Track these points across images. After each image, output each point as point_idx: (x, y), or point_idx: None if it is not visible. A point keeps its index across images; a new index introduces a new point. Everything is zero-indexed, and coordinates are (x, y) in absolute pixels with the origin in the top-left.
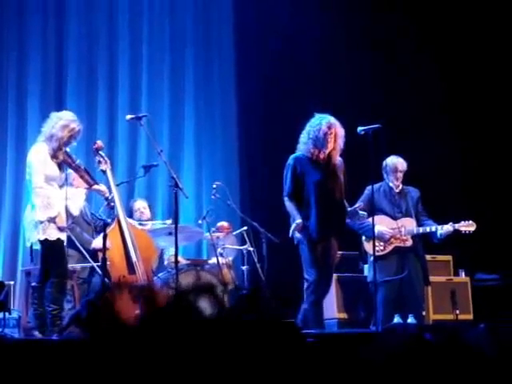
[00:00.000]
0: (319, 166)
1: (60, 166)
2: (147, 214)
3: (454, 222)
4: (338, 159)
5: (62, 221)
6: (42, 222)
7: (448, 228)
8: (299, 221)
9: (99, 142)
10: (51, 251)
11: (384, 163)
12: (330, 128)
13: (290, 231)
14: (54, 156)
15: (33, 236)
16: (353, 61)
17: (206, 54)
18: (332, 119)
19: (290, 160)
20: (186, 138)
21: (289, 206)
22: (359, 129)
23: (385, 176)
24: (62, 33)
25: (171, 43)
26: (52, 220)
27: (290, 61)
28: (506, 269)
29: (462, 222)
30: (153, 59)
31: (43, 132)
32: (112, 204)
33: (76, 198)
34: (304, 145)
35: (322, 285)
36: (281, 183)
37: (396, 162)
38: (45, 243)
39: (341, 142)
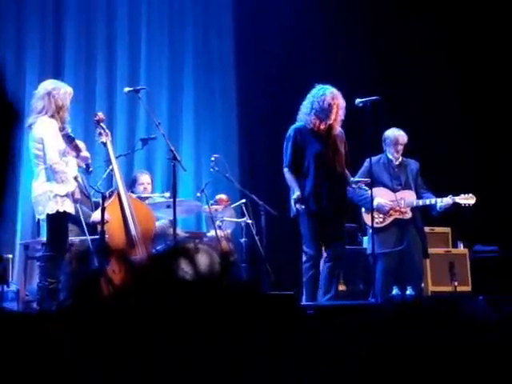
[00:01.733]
0: (320, 136)
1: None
2: (149, 189)
3: (454, 195)
4: (338, 130)
5: (78, 193)
6: (61, 196)
7: (447, 201)
8: (298, 193)
9: (100, 114)
10: (64, 223)
11: (384, 135)
12: (333, 99)
13: (292, 204)
14: (61, 128)
15: (50, 207)
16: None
17: (204, 26)
18: (335, 90)
19: (291, 131)
20: (185, 110)
21: (288, 177)
22: (357, 101)
23: (385, 148)
24: (60, 5)
25: (170, 15)
26: (71, 194)
27: (291, 34)
28: (504, 240)
29: (462, 195)
30: (152, 31)
31: (43, 108)
32: (90, 169)
33: (72, 167)
34: (306, 115)
35: (329, 257)
36: (280, 156)
37: (397, 135)
38: (62, 215)
39: (342, 113)
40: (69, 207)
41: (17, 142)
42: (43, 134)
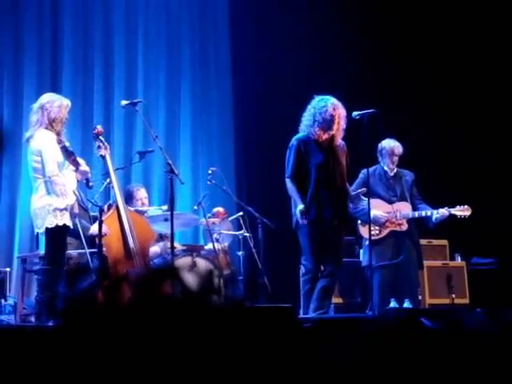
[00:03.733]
0: (322, 148)
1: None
2: (147, 203)
3: (450, 207)
4: (340, 141)
5: (76, 208)
6: (60, 210)
7: (443, 212)
8: (302, 206)
9: (99, 127)
10: (59, 238)
11: (380, 146)
12: (335, 109)
13: (298, 216)
14: (58, 141)
15: (49, 221)
16: (348, 43)
17: (201, 39)
18: (335, 100)
19: (294, 141)
20: (182, 123)
21: (290, 187)
22: (354, 113)
23: (380, 159)
24: (57, 18)
25: (167, 30)
26: (70, 207)
27: (289, 47)
28: (501, 253)
29: (458, 207)
30: (149, 45)
31: (37, 120)
32: (91, 184)
33: (70, 180)
34: (308, 127)
35: (327, 271)
36: (277, 169)
37: (393, 146)
38: (60, 229)
39: (343, 123)
40: (68, 221)
41: (15, 156)
42: (41, 146)
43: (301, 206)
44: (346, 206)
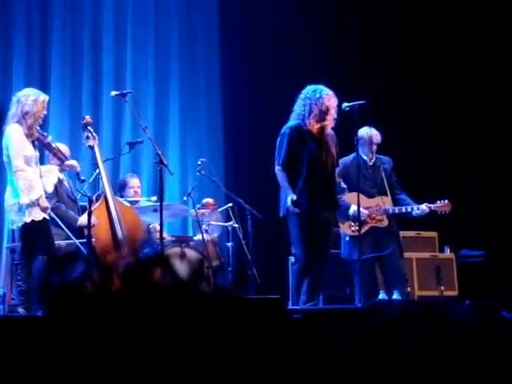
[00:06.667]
0: (314, 137)
1: (34, 144)
2: (139, 192)
3: (430, 203)
4: (329, 130)
5: (44, 201)
6: (26, 205)
7: (423, 209)
8: (293, 196)
9: (88, 118)
10: (38, 230)
11: (358, 135)
12: (329, 100)
13: (288, 204)
14: (28, 135)
15: (17, 219)
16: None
17: (190, 30)
18: (329, 91)
19: (287, 129)
20: (171, 114)
21: (280, 176)
22: (344, 105)
23: (359, 148)
24: (46, 11)
25: (156, 19)
26: (36, 202)
27: (277, 38)
28: (490, 245)
29: (438, 203)
30: (137, 35)
31: (12, 114)
32: (82, 178)
33: (49, 174)
34: (301, 116)
35: (315, 262)
36: (266, 159)
37: (371, 135)
38: (31, 224)
39: (334, 113)
40: (38, 215)
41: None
42: (8, 141)
43: (293, 196)
44: (335, 195)
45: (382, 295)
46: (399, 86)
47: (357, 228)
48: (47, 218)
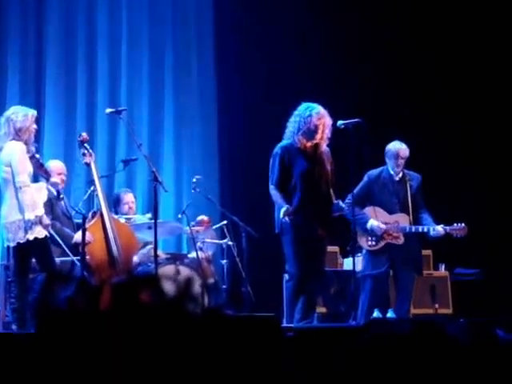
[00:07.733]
0: (307, 155)
1: (30, 160)
2: (134, 208)
3: (446, 225)
4: (324, 148)
5: (46, 218)
6: (30, 222)
7: (439, 230)
8: (286, 206)
9: (84, 135)
10: (40, 248)
11: (386, 148)
12: (319, 119)
13: (281, 216)
14: (27, 151)
15: (20, 236)
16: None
17: (185, 47)
18: (321, 109)
19: (278, 149)
20: (166, 131)
21: (274, 194)
22: (339, 122)
23: (387, 161)
24: (41, 27)
25: (150, 37)
26: (39, 218)
27: (274, 55)
28: (485, 263)
29: (455, 225)
30: (132, 53)
31: (5, 133)
32: (61, 196)
33: (40, 191)
34: (292, 134)
35: (310, 280)
36: (260, 177)
37: (398, 148)
38: (33, 242)
39: (328, 132)
40: (39, 233)
41: None
42: (11, 157)
43: (286, 206)
44: (330, 213)
45: (376, 313)
46: (401, 106)
47: (373, 243)
48: (48, 235)
